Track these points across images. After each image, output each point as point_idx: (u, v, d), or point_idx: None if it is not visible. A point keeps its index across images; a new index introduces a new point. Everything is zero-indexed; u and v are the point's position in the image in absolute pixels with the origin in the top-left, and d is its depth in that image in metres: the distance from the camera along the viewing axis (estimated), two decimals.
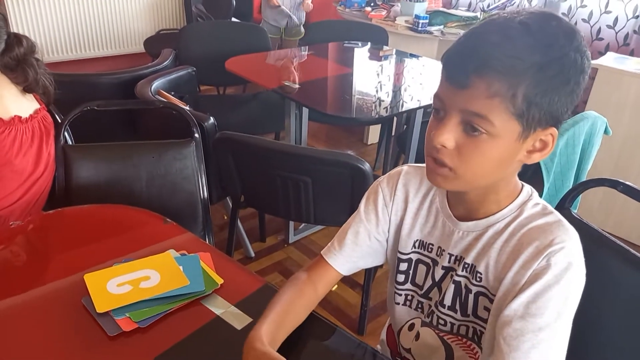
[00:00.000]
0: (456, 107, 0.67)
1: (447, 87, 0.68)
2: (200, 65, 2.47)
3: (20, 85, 1.36)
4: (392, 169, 0.92)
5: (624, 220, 2.48)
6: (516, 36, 0.63)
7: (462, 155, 0.69)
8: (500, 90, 0.64)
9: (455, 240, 0.80)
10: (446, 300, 0.82)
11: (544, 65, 0.63)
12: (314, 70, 2.70)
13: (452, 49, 0.69)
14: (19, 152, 1.34)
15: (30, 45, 1.37)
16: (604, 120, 1.87)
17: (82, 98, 1.53)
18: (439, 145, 0.69)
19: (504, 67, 0.63)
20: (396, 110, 2.22)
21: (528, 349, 0.67)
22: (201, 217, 1.59)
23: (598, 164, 2.08)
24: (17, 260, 1.08)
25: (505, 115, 0.65)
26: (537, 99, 0.64)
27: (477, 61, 0.64)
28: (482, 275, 0.77)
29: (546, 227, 0.73)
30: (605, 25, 3.02)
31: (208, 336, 0.87)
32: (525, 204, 0.76)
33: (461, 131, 0.68)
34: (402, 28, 3.29)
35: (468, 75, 0.65)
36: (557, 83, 0.64)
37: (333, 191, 1.66)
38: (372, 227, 0.89)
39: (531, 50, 0.63)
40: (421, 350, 0.90)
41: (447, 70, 0.69)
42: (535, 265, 0.70)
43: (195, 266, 1.01)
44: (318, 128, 3.78)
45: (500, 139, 0.67)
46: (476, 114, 0.66)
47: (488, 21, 0.67)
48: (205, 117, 1.73)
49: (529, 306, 0.69)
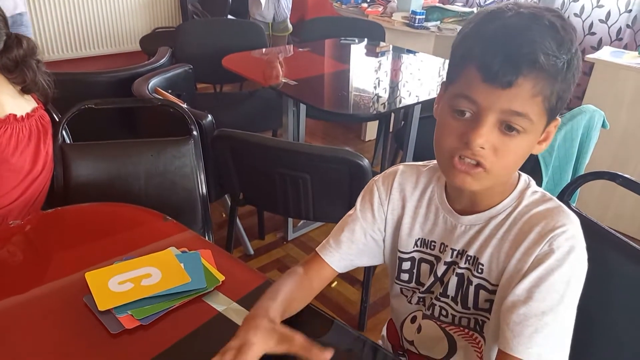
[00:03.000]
0: (495, 107, 0.66)
1: (486, 88, 0.65)
2: (197, 63, 2.46)
3: (17, 85, 1.36)
4: (390, 165, 0.92)
5: (622, 214, 2.49)
6: (549, 34, 0.63)
7: (498, 154, 0.68)
8: (543, 88, 0.65)
9: (458, 235, 0.80)
10: (449, 291, 0.83)
11: (569, 62, 0.65)
12: (311, 67, 2.69)
13: (485, 46, 0.65)
14: (16, 150, 1.34)
15: (31, 47, 1.36)
16: (602, 113, 1.88)
17: (79, 97, 1.52)
18: (478, 148, 0.67)
19: (548, 65, 0.63)
20: (394, 106, 2.22)
21: (531, 333, 0.68)
22: (200, 214, 1.59)
23: (596, 158, 2.09)
24: (17, 260, 1.08)
25: (541, 111, 0.67)
26: (564, 94, 0.67)
27: (525, 60, 0.63)
28: (483, 267, 0.78)
29: (547, 213, 0.73)
30: (598, 19, 3.02)
31: (210, 333, 0.87)
32: (524, 192, 0.77)
33: (497, 131, 0.67)
34: (398, 24, 3.29)
35: (517, 74, 0.63)
36: (574, 78, 0.67)
37: (332, 187, 1.66)
38: (368, 225, 0.89)
39: (562, 49, 0.64)
40: (424, 342, 0.91)
41: (486, 70, 0.65)
42: (538, 251, 0.71)
43: (196, 263, 1.01)
44: (315, 125, 3.78)
45: (531, 134, 0.68)
46: (518, 113, 0.65)
47: (511, 15, 0.65)
48: (203, 115, 1.73)
49: (532, 291, 0.69)
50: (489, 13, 0.67)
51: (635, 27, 2.89)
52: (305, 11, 4.54)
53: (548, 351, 0.68)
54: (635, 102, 2.32)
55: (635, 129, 2.35)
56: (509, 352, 0.69)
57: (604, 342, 0.98)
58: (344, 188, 1.62)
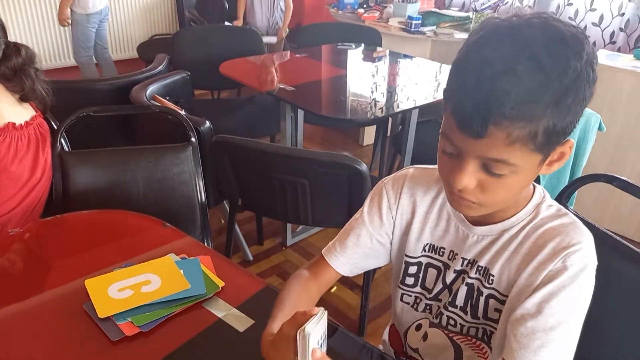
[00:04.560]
0: (473, 153, 0.64)
1: (461, 135, 0.64)
2: (195, 69, 2.46)
3: (16, 94, 1.36)
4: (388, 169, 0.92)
5: (620, 216, 2.50)
6: (528, 76, 0.58)
7: (486, 191, 0.67)
8: (520, 135, 0.61)
9: (470, 245, 0.80)
10: (458, 301, 0.82)
11: (560, 96, 0.59)
12: (308, 72, 2.70)
13: (459, 89, 0.63)
14: (15, 158, 1.34)
15: (30, 56, 1.37)
16: (598, 116, 1.89)
17: (77, 104, 1.53)
18: (461, 189, 0.67)
19: (520, 114, 0.59)
20: (391, 111, 2.23)
21: (538, 347, 0.68)
22: (199, 221, 1.59)
23: (593, 161, 2.09)
24: (16, 268, 1.08)
25: (526, 153, 0.63)
26: (556, 128, 0.62)
27: (491, 113, 0.59)
28: (494, 278, 0.77)
29: (562, 229, 0.73)
30: (591, 22, 3.04)
31: (210, 339, 0.87)
32: (540, 205, 0.76)
33: (482, 171, 0.66)
34: (395, 29, 3.31)
35: (485, 127, 0.60)
36: (575, 105, 0.62)
37: (330, 192, 1.66)
38: (374, 229, 0.88)
39: (546, 88, 0.59)
40: (429, 350, 0.90)
41: (458, 118, 0.63)
42: (551, 267, 0.70)
43: (195, 269, 1.01)
44: (313, 131, 3.78)
45: (523, 172, 0.66)
46: (496, 160, 0.63)
47: (494, 47, 0.60)
48: (201, 121, 1.73)
49: (542, 305, 0.69)
50: (479, 38, 0.63)
51: (629, 31, 2.91)
52: (302, 17, 4.55)
53: None
54: (631, 104, 2.33)
55: (631, 131, 2.36)
56: None
57: (604, 343, 0.99)
58: (343, 193, 1.62)
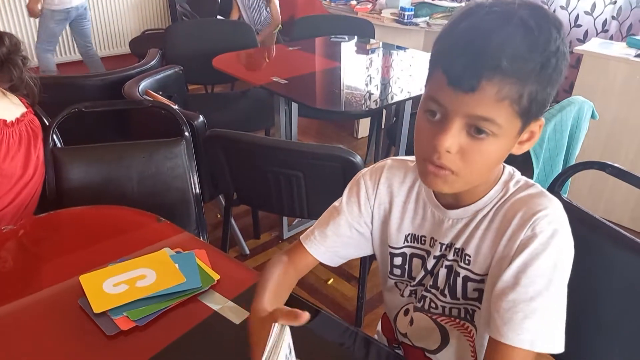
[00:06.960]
0: (461, 111, 0.65)
1: (450, 92, 0.64)
2: (188, 64, 2.46)
3: (4, 84, 1.35)
4: None
5: (614, 204, 2.51)
6: (519, 35, 0.61)
7: (466, 157, 0.67)
8: (510, 92, 0.62)
9: (446, 229, 0.81)
10: (439, 283, 0.83)
11: (544, 62, 0.62)
12: (301, 65, 2.69)
13: (450, 48, 0.65)
14: (7, 156, 1.33)
15: (15, 43, 1.35)
16: (591, 104, 1.89)
17: (69, 100, 1.52)
18: (443, 151, 0.67)
19: (513, 70, 0.61)
20: (385, 103, 2.23)
21: (521, 319, 0.68)
22: (194, 215, 1.59)
23: (586, 149, 2.10)
24: (11, 265, 1.07)
25: (510, 115, 0.65)
26: (539, 95, 0.64)
27: (487, 65, 0.61)
28: (470, 258, 0.78)
29: (528, 198, 0.74)
30: (583, 11, 3.04)
31: (207, 332, 0.88)
32: (508, 183, 0.77)
33: (465, 134, 0.67)
34: (388, 21, 3.30)
35: (479, 80, 0.62)
36: (555, 77, 0.64)
37: (325, 185, 1.66)
38: (353, 219, 0.89)
39: (534, 50, 0.62)
40: (417, 333, 0.91)
41: (449, 74, 0.64)
42: (522, 236, 0.71)
43: (191, 263, 1.01)
44: (308, 124, 3.78)
45: (503, 138, 0.67)
46: (484, 118, 0.64)
47: (484, 14, 0.63)
48: (195, 116, 1.72)
49: (519, 276, 0.69)
50: (465, 11, 0.66)
51: (621, 19, 2.91)
52: (295, 10, 4.54)
53: (540, 337, 0.68)
54: (624, 92, 2.33)
55: (624, 119, 2.37)
56: (500, 339, 0.69)
57: (598, 330, 0.99)
58: (338, 185, 1.60)
